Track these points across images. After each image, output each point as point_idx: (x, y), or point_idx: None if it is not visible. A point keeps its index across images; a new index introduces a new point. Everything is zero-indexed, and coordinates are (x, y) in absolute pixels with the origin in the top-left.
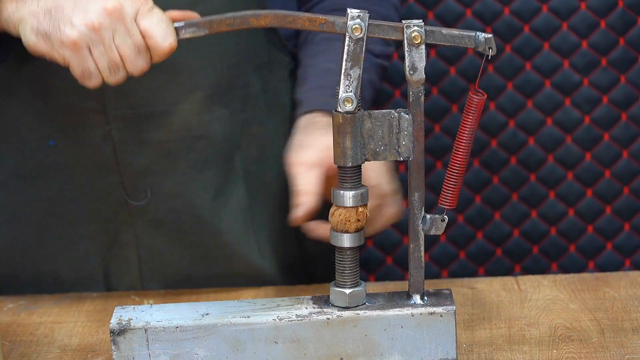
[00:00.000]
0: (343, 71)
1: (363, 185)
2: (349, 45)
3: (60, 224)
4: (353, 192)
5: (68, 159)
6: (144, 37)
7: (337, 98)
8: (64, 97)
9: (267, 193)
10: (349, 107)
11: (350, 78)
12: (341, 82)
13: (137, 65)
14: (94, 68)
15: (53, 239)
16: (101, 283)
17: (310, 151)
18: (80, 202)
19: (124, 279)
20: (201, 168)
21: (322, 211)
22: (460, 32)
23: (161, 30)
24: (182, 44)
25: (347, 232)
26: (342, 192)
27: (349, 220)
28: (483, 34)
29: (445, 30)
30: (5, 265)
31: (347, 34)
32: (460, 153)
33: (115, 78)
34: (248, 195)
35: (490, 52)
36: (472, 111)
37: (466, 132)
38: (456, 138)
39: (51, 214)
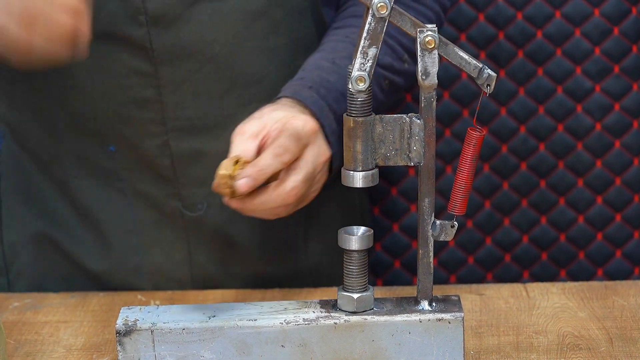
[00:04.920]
0: (360, 49)
1: None
2: (370, 23)
3: (113, 230)
4: None
5: (127, 166)
6: None
7: (349, 77)
8: (123, 107)
9: None
10: (362, 86)
11: (367, 57)
12: (356, 60)
13: None
14: None
15: (103, 247)
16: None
17: (254, 122)
18: (135, 210)
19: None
20: None
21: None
22: (469, 58)
23: None
24: (241, 56)
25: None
26: None
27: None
28: (489, 71)
29: (456, 49)
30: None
31: (370, 10)
32: (462, 181)
33: None
34: None
35: (488, 90)
36: (471, 146)
37: (466, 165)
38: (457, 168)
39: (106, 220)
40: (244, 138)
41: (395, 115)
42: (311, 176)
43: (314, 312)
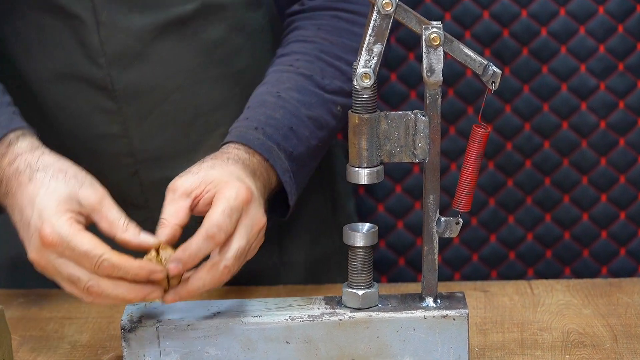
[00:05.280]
0: (365, 46)
1: None
2: (375, 20)
3: None
4: None
5: None
6: None
7: (355, 74)
8: (90, 143)
9: None
10: (367, 82)
11: (372, 53)
12: (361, 57)
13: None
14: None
15: None
16: None
17: (188, 178)
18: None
19: None
20: None
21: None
22: (474, 55)
23: None
24: (205, 84)
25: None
26: None
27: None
28: (494, 68)
29: (462, 46)
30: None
31: (375, 7)
32: (467, 178)
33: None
34: None
35: (493, 87)
36: (476, 143)
37: (471, 161)
38: (462, 165)
39: None
40: (176, 196)
41: (400, 112)
42: (244, 251)
43: (318, 308)
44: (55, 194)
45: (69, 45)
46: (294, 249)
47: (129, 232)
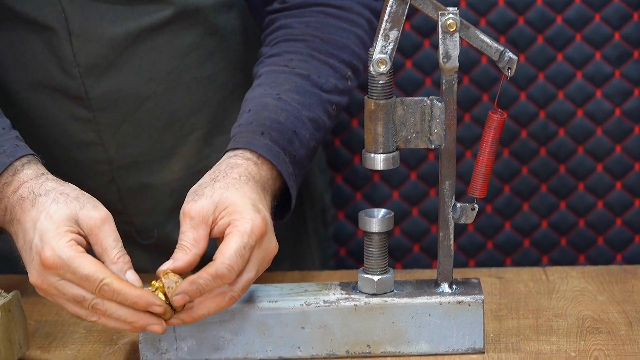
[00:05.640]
0: (381, 32)
1: None
2: (391, 6)
3: None
4: None
5: None
6: None
7: (371, 60)
8: (66, 151)
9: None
10: (383, 68)
11: (388, 39)
12: (377, 43)
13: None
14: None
15: None
16: None
17: (203, 203)
18: None
19: None
20: None
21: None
22: (491, 42)
23: None
24: (179, 90)
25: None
26: None
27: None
28: (510, 54)
29: (478, 32)
30: None
31: None
32: (483, 164)
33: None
34: None
35: (509, 73)
36: (492, 129)
37: (487, 148)
38: (478, 151)
39: None
40: (195, 223)
41: (416, 98)
42: (252, 280)
43: (334, 294)
44: (55, 216)
45: (42, 56)
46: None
47: (117, 265)
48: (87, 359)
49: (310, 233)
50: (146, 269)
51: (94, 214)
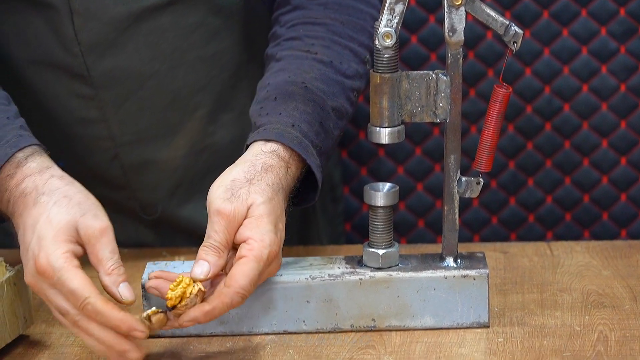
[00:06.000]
0: (387, 5)
1: None
2: None
3: None
4: None
5: (78, 178)
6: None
7: (376, 33)
8: (69, 127)
9: None
10: (388, 42)
11: (394, 13)
12: (383, 17)
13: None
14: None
15: None
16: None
17: (239, 207)
18: None
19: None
20: (205, 174)
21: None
22: (496, 15)
23: None
24: (183, 69)
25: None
26: None
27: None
28: (515, 28)
29: (483, 6)
30: None
31: None
32: (488, 138)
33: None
34: None
35: (514, 47)
36: (497, 103)
37: (492, 121)
38: (483, 125)
39: None
40: (230, 226)
41: (421, 72)
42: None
43: (339, 268)
44: (54, 222)
45: (44, 33)
46: None
47: (110, 277)
48: None
49: (318, 210)
50: (151, 244)
51: (94, 223)
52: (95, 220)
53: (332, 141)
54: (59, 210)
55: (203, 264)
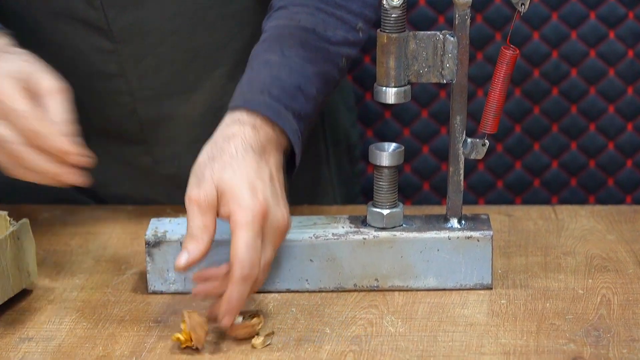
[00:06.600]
0: None
1: None
2: None
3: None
4: None
5: (94, 131)
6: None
7: None
8: (88, 81)
9: None
10: (396, 2)
11: None
12: None
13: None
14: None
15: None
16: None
17: (207, 189)
18: (109, 167)
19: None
20: None
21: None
22: None
23: None
24: (203, 26)
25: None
26: None
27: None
28: None
29: None
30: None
31: None
32: (494, 100)
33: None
34: None
35: (522, 9)
36: (504, 65)
37: (499, 83)
38: (490, 87)
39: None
40: (202, 210)
41: (428, 32)
42: (273, 257)
43: (343, 227)
44: (4, 69)
45: None
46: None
47: (65, 139)
48: (94, 288)
49: (333, 169)
50: (162, 201)
51: (51, 79)
52: (51, 77)
53: (314, 106)
54: (10, 63)
55: (182, 253)
